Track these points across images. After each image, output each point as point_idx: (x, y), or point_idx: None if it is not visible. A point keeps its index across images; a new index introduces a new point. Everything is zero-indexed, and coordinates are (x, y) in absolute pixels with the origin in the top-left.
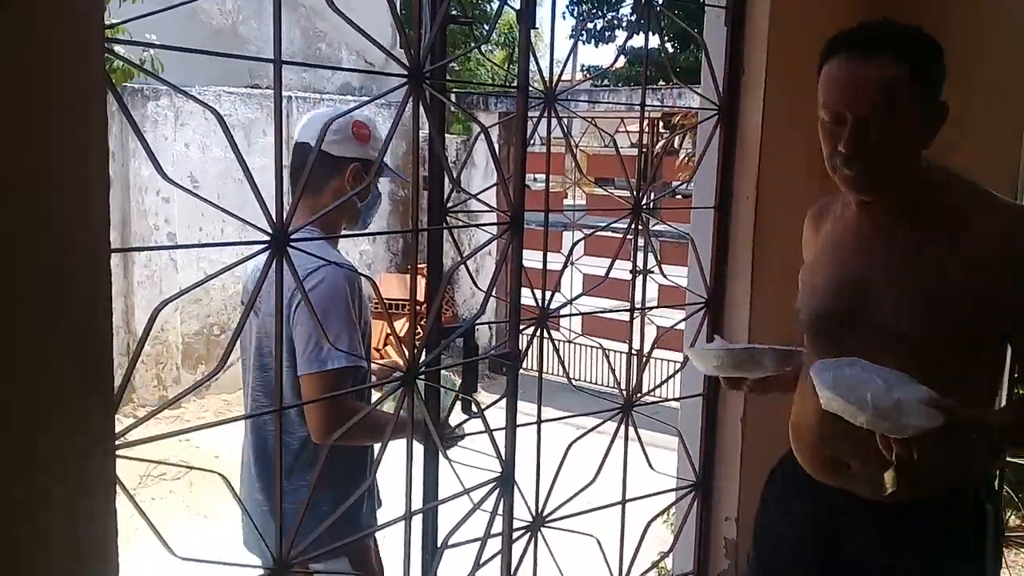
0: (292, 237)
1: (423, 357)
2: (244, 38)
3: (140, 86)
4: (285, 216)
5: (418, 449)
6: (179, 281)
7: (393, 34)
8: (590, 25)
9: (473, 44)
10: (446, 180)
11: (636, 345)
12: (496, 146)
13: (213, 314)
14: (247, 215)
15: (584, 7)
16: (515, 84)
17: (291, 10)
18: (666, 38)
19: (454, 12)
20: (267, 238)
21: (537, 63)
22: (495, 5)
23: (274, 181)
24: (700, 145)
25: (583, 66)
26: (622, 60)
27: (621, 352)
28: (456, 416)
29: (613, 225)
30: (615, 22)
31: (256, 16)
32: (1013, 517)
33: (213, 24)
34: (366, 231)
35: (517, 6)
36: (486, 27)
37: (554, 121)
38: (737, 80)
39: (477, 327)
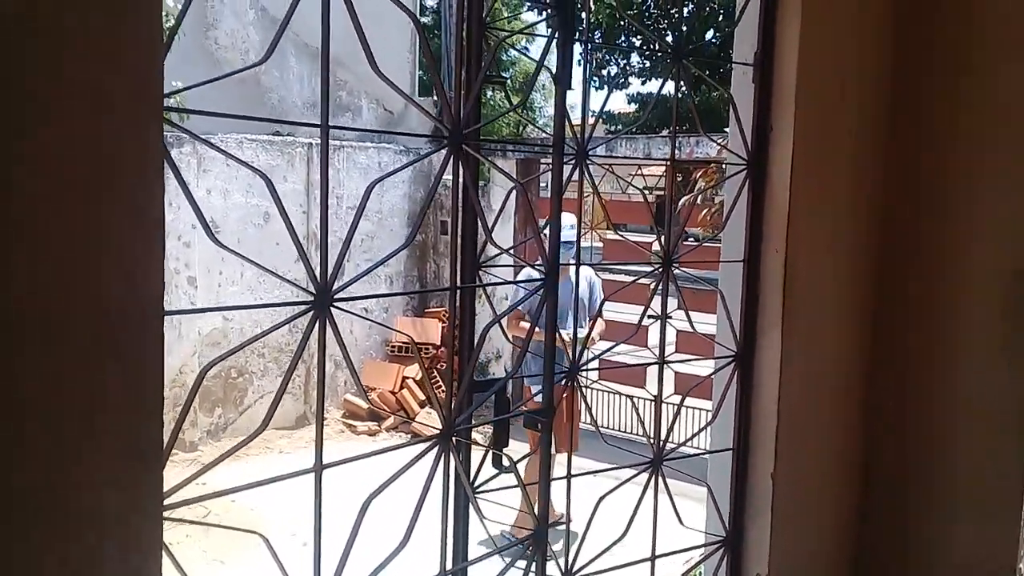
0: (335, 299)
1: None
2: (266, 87)
3: (167, 131)
4: (329, 275)
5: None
6: (199, 325)
7: (412, 82)
8: (603, 72)
9: (508, 107)
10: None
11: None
12: (513, 193)
13: (232, 357)
14: (267, 261)
15: (598, 55)
16: (548, 141)
17: (311, 59)
18: (685, 86)
19: (490, 73)
20: (310, 299)
21: (570, 122)
22: (511, 53)
23: (319, 242)
24: (728, 197)
25: (594, 112)
26: (634, 105)
27: (645, 399)
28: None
29: (634, 269)
30: (627, 68)
31: (278, 66)
32: None
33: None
34: (406, 291)
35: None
36: (506, 75)
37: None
38: (765, 135)
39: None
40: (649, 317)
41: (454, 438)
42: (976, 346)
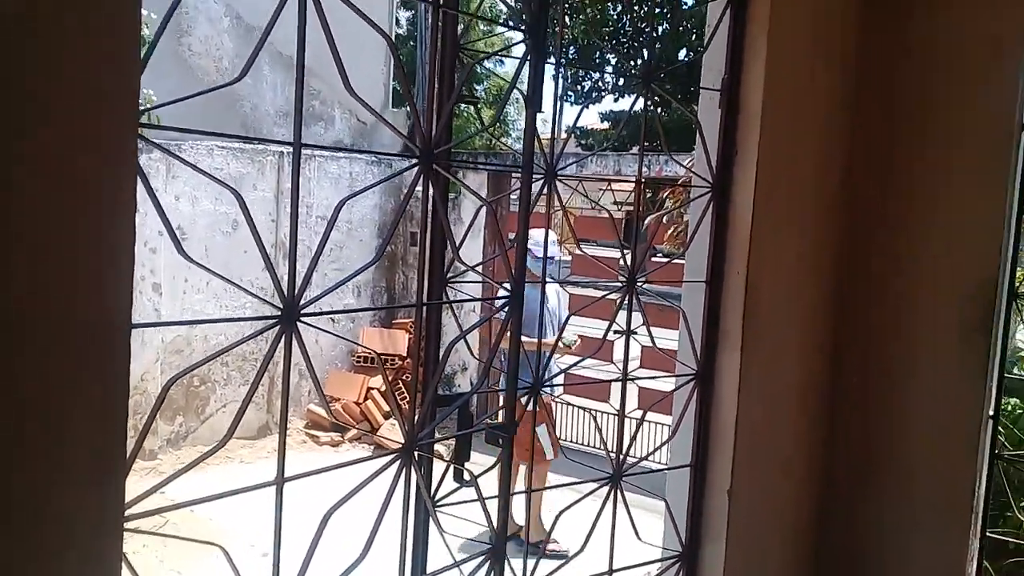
0: (302, 313)
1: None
2: (239, 95)
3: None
4: (296, 291)
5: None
6: (162, 332)
7: (386, 93)
8: (577, 87)
9: (480, 126)
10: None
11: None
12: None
13: None
14: (235, 269)
15: (571, 71)
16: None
17: (285, 68)
18: (653, 108)
19: (463, 92)
20: (277, 313)
21: (539, 142)
22: (485, 66)
23: (288, 254)
24: (693, 218)
25: (568, 127)
26: (607, 122)
27: (607, 413)
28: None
29: (602, 285)
30: (600, 84)
31: (252, 74)
32: None
33: (208, 80)
34: (373, 306)
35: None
36: (479, 88)
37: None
38: (730, 159)
39: (459, 389)
40: (614, 332)
41: (416, 452)
42: (940, 348)
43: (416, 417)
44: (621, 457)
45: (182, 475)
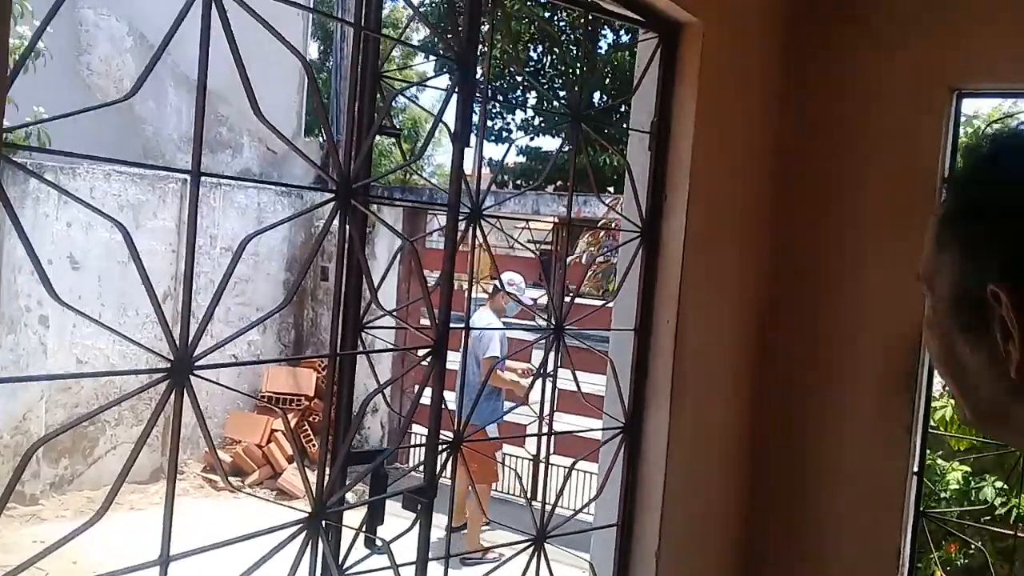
0: (196, 366)
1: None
2: (140, 117)
3: (24, 160)
4: (190, 341)
5: None
6: (47, 367)
7: (299, 122)
8: (490, 123)
9: (401, 160)
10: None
11: (542, 452)
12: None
13: (83, 403)
14: (131, 301)
15: (487, 107)
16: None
17: (190, 92)
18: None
19: (384, 123)
20: (167, 366)
21: (466, 183)
22: (401, 99)
23: (182, 304)
24: (621, 264)
25: (489, 160)
26: (522, 157)
27: (523, 458)
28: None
29: (529, 328)
30: (525, 123)
31: (153, 96)
32: None
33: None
34: (277, 358)
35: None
36: (397, 121)
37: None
38: (660, 204)
39: (370, 440)
40: (541, 375)
41: (324, 521)
42: (866, 405)
43: (326, 482)
44: (545, 516)
45: (64, 520)
